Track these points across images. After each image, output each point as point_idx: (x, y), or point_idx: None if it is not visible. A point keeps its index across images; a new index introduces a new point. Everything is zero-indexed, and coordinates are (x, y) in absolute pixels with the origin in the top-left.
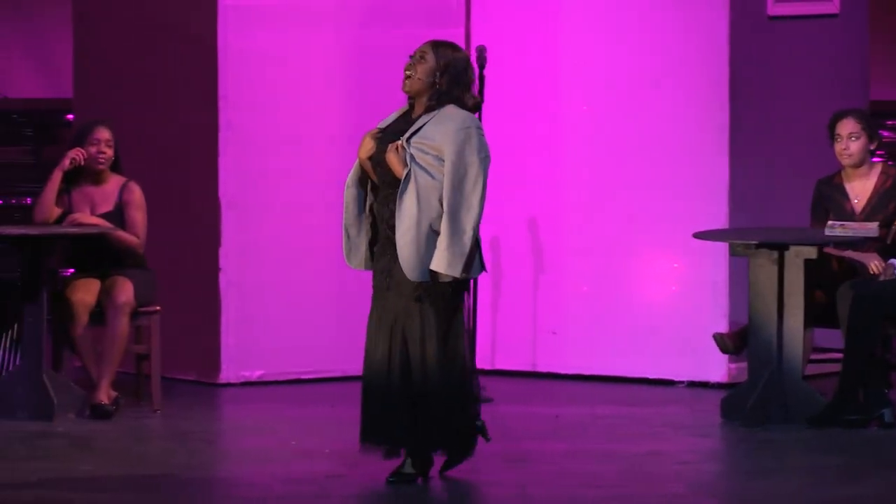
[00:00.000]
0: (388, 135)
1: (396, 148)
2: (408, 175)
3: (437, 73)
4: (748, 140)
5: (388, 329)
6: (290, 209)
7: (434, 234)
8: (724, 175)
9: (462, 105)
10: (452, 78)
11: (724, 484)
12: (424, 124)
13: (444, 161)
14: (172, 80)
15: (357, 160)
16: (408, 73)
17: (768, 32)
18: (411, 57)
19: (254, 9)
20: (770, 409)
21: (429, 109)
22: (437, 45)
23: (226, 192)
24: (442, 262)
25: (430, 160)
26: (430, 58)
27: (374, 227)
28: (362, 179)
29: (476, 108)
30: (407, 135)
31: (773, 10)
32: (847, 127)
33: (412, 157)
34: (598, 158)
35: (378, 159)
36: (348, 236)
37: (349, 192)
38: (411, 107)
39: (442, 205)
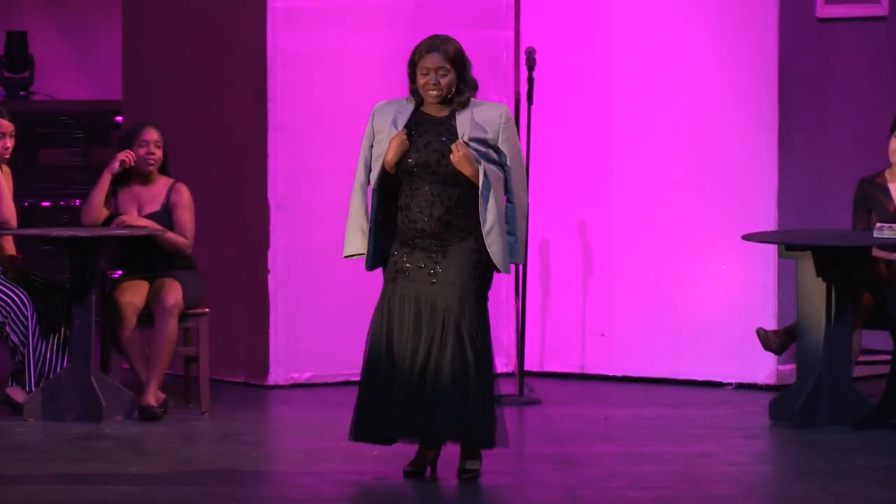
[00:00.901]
0: (424, 136)
1: (458, 147)
2: (484, 173)
3: (460, 79)
4: (797, 141)
5: (432, 323)
6: (340, 210)
7: (503, 225)
8: (773, 176)
9: (475, 89)
10: (468, 73)
11: (772, 485)
12: (471, 121)
13: (496, 153)
14: (221, 82)
15: (381, 163)
16: (435, 90)
17: (817, 34)
18: (425, 69)
19: (303, 10)
20: (818, 411)
21: (461, 106)
22: (444, 50)
23: (275, 193)
24: (522, 254)
25: (491, 154)
26: (450, 68)
27: (383, 225)
28: (384, 181)
29: (476, 86)
30: (466, 134)
31: (822, 12)
32: None
33: (480, 154)
34: (646, 160)
35: (425, 160)
36: (370, 240)
37: (374, 196)
38: (419, 103)
39: (503, 196)
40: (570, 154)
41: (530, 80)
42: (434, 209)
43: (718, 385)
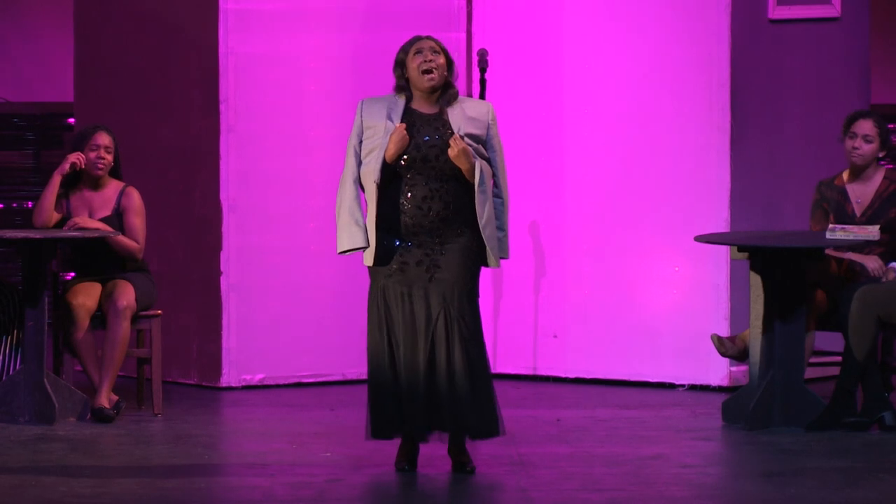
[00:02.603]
0: (420, 132)
1: (456, 143)
2: (480, 169)
3: (449, 67)
4: (749, 143)
5: (431, 318)
6: (292, 212)
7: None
8: (725, 178)
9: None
10: (453, 70)
11: (725, 487)
12: (464, 117)
13: (485, 149)
14: (173, 84)
15: (382, 157)
16: (430, 66)
17: (770, 35)
18: (418, 50)
19: (255, 12)
20: (771, 413)
21: (451, 99)
22: (433, 39)
23: (227, 195)
24: (506, 248)
25: (481, 150)
26: (440, 52)
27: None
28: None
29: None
30: (461, 129)
31: (775, 13)
32: (865, 128)
33: (473, 150)
34: (599, 162)
35: (424, 155)
36: (377, 235)
37: (374, 190)
38: (408, 99)
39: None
40: (521, 155)
41: (482, 82)
42: (433, 204)
43: (671, 386)
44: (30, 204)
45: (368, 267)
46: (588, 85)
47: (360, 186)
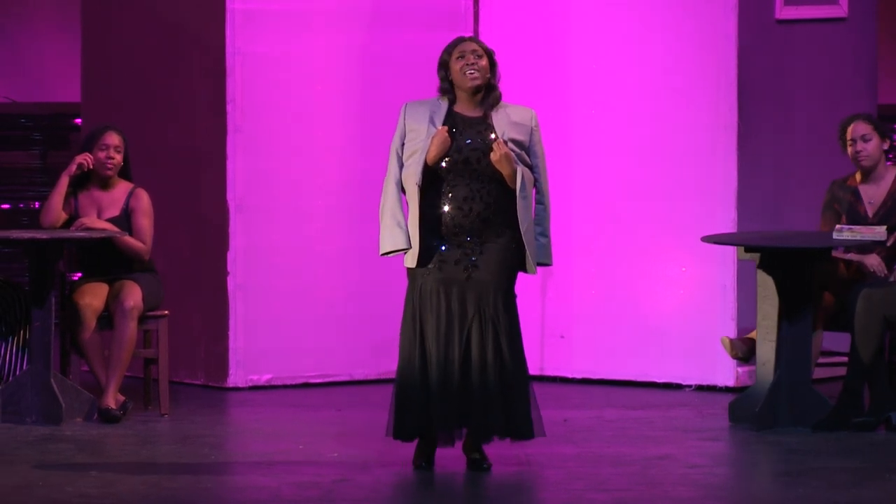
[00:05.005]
0: (463, 135)
1: (499, 147)
2: (521, 174)
3: (492, 69)
4: (757, 143)
5: (466, 319)
6: (299, 212)
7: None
8: (732, 178)
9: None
10: (497, 73)
11: (732, 487)
12: (508, 122)
13: (528, 155)
14: (180, 84)
15: (423, 160)
16: (473, 70)
17: (777, 36)
18: (461, 53)
19: (262, 12)
20: (778, 413)
21: (493, 105)
22: (477, 41)
23: (234, 195)
24: (549, 254)
25: (524, 156)
26: (483, 54)
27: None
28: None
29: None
30: (505, 134)
31: (782, 13)
32: (859, 130)
33: (516, 155)
34: (606, 162)
35: (466, 158)
36: (420, 236)
37: (416, 192)
38: (451, 102)
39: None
40: None
41: None
42: (474, 205)
43: (678, 387)
44: (37, 204)
45: (408, 268)
46: (595, 85)
47: (403, 189)
